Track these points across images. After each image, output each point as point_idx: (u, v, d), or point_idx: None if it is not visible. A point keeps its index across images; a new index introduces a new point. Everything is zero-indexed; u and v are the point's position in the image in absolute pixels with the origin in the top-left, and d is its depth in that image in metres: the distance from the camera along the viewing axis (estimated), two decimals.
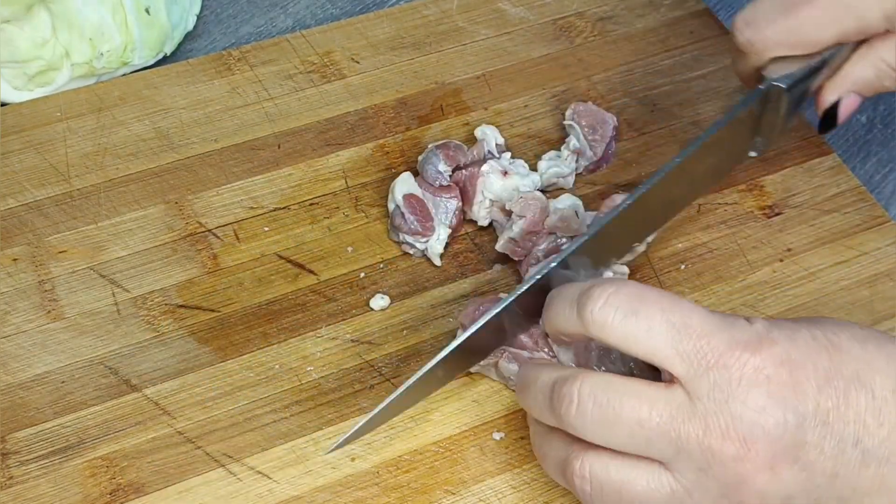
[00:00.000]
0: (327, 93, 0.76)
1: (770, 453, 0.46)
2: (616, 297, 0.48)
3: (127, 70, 0.78)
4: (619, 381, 0.48)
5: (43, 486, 0.57)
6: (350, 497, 0.57)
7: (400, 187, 0.67)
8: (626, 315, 0.47)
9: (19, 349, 0.63)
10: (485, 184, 0.68)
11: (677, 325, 0.47)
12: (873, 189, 0.74)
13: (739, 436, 0.46)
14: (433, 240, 0.67)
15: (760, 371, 0.46)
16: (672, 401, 0.47)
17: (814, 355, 0.47)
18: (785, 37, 0.60)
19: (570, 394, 0.48)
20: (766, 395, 0.46)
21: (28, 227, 0.68)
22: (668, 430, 0.46)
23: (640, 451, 0.47)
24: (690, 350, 0.46)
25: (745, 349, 0.46)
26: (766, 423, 0.46)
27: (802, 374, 0.46)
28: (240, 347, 0.63)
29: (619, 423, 0.47)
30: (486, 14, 0.82)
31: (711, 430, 0.46)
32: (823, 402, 0.46)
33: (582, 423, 0.48)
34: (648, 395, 0.47)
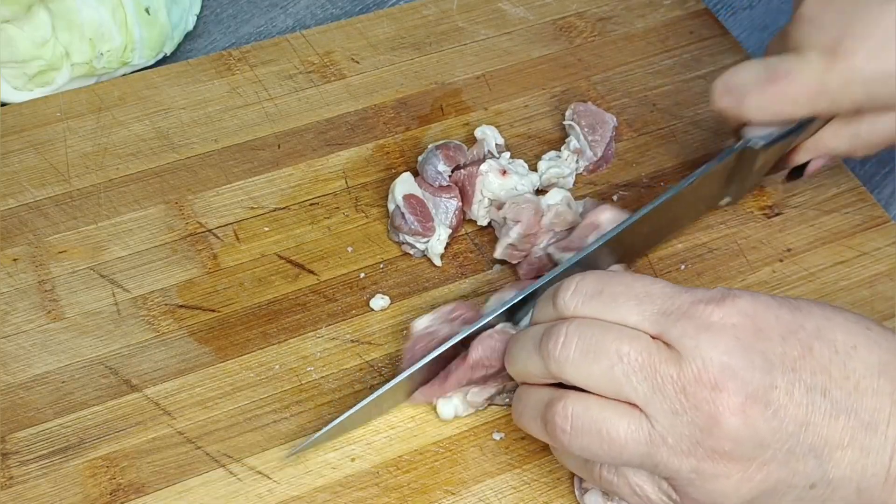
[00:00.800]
0: (327, 93, 0.76)
1: (741, 394, 0.47)
2: (583, 284, 0.51)
3: (127, 70, 0.78)
4: (605, 323, 0.50)
5: (43, 486, 0.57)
6: (350, 497, 0.57)
7: (400, 188, 0.67)
8: (592, 296, 0.50)
9: (19, 349, 0.63)
10: (483, 183, 0.68)
11: (640, 294, 0.50)
12: (873, 189, 0.74)
13: (711, 378, 0.47)
14: (433, 240, 0.67)
15: (726, 319, 0.48)
16: (651, 345, 0.49)
17: (775, 309, 0.49)
18: (761, 111, 0.62)
19: (557, 332, 0.50)
20: (733, 339, 0.48)
21: (28, 227, 0.68)
22: (646, 366, 0.48)
23: (618, 389, 0.49)
24: (656, 311, 0.49)
25: (708, 302, 0.49)
26: (736, 364, 0.47)
27: (766, 324, 0.48)
28: (240, 347, 0.63)
29: (601, 354, 0.49)
30: (486, 14, 0.82)
31: (684, 372, 0.47)
32: (789, 351, 0.48)
33: (566, 356, 0.49)
34: (630, 335, 0.49)
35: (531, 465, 0.59)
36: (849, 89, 0.60)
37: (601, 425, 0.49)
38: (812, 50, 0.60)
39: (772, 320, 0.49)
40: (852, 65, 0.59)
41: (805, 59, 0.60)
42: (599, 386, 0.49)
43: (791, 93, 0.60)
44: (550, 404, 0.50)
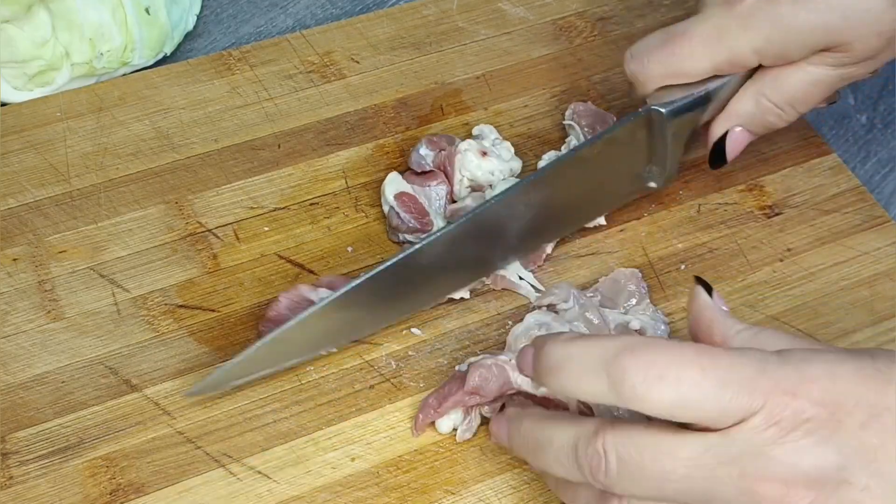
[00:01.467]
0: (327, 93, 0.76)
1: (811, 494, 0.44)
2: (655, 369, 0.45)
3: (127, 70, 0.78)
4: (642, 432, 0.46)
5: (43, 486, 0.57)
6: (350, 497, 0.57)
7: (390, 188, 0.67)
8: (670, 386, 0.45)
9: (19, 349, 0.63)
10: (462, 162, 0.68)
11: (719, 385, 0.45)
12: (873, 189, 0.74)
13: (778, 477, 0.44)
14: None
15: (800, 413, 0.44)
16: (700, 446, 0.45)
17: (858, 389, 0.45)
18: (663, 68, 0.63)
19: (597, 452, 0.47)
20: (804, 435, 0.44)
21: (28, 227, 0.68)
22: (697, 477, 0.45)
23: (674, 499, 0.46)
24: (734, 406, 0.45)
25: (784, 392, 0.45)
26: (806, 463, 0.44)
27: (844, 412, 0.45)
28: (240, 347, 0.63)
29: (645, 476, 0.46)
30: (486, 14, 0.82)
31: (748, 473, 0.45)
32: (868, 440, 0.45)
33: (612, 481, 0.46)
34: (673, 445, 0.46)
35: None
36: (747, 35, 0.60)
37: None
38: (712, 4, 0.61)
39: (851, 405, 0.45)
40: (748, 7, 0.59)
41: (704, 14, 0.61)
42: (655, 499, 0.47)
43: (688, 46, 0.61)
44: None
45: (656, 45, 0.63)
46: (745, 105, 0.64)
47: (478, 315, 0.65)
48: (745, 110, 0.64)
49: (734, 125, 0.65)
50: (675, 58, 0.62)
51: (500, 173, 0.68)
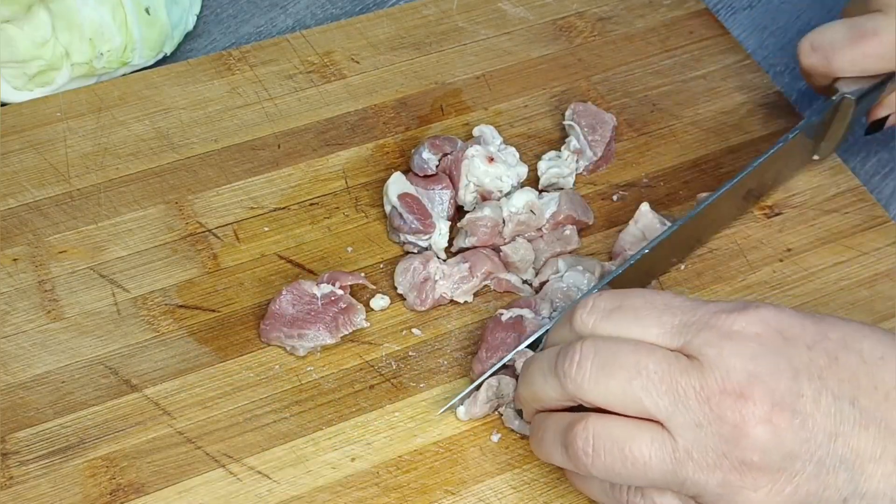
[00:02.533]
0: (327, 93, 0.76)
1: (767, 402, 0.46)
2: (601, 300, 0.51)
3: (127, 70, 0.78)
4: (622, 339, 0.49)
5: (43, 486, 0.57)
6: (350, 497, 0.57)
7: (393, 188, 0.67)
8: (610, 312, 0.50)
9: (19, 349, 0.63)
10: (469, 167, 0.68)
11: (660, 307, 0.49)
12: (873, 189, 0.74)
13: (735, 386, 0.46)
14: (436, 235, 0.66)
15: (749, 328, 0.47)
16: (671, 356, 0.48)
17: (799, 319, 0.48)
18: (849, 66, 0.67)
19: (572, 351, 0.49)
20: (758, 346, 0.47)
21: (28, 227, 0.68)
22: (666, 378, 0.47)
23: (638, 405, 0.48)
24: (678, 322, 0.48)
25: (731, 312, 0.48)
26: (762, 372, 0.46)
27: (790, 333, 0.48)
28: (240, 347, 0.63)
29: (618, 369, 0.48)
30: (486, 14, 0.82)
31: (707, 382, 0.46)
32: (815, 358, 0.47)
33: (582, 375, 0.49)
34: (647, 347, 0.48)
35: (531, 465, 0.59)
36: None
37: (623, 444, 0.48)
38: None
39: (797, 329, 0.48)
40: None
41: (890, 17, 0.64)
42: (619, 403, 0.48)
43: (879, 49, 0.65)
44: (570, 426, 0.49)
45: (843, 41, 0.66)
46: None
47: (478, 315, 0.65)
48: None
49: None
50: (864, 58, 0.65)
51: (507, 179, 0.68)
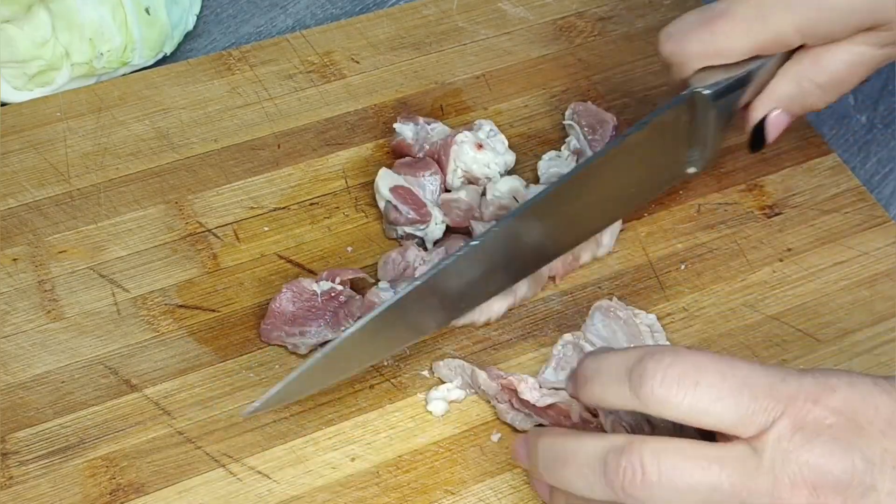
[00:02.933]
0: (327, 93, 0.76)
1: (839, 499, 0.45)
2: (674, 370, 0.46)
3: (127, 70, 0.78)
4: (682, 446, 0.46)
5: (43, 486, 0.57)
6: (350, 497, 0.57)
7: (383, 182, 0.68)
8: (689, 388, 0.46)
9: (19, 349, 0.63)
10: (458, 153, 0.68)
11: (738, 389, 0.46)
12: (873, 189, 0.74)
13: (808, 483, 0.45)
14: (432, 225, 0.66)
15: (822, 419, 0.45)
16: (738, 458, 0.46)
17: (875, 400, 0.46)
18: (702, 48, 0.61)
19: (632, 464, 0.46)
20: (830, 440, 0.45)
21: (28, 227, 0.68)
22: (741, 491, 0.45)
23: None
24: (755, 409, 0.46)
25: (805, 399, 0.46)
26: (834, 468, 0.45)
27: (864, 419, 0.46)
28: (240, 347, 0.63)
29: (691, 490, 0.45)
30: (486, 14, 0.82)
31: (780, 481, 0.45)
32: (890, 446, 0.45)
33: (650, 495, 0.46)
34: (716, 457, 0.46)
35: None
36: (787, 14, 0.59)
37: None
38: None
39: (871, 413, 0.46)
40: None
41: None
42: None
43: (730, 27, 0.60)
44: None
45: (695, 24, 0.62)
46: (786, 87, 0.63)
47: None
48: (786, 92, 0.63)
49: (774, 108, 0.63)
50: (715, 37, 0.61)
51: (495, 166, 0.68)
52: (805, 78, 0.62)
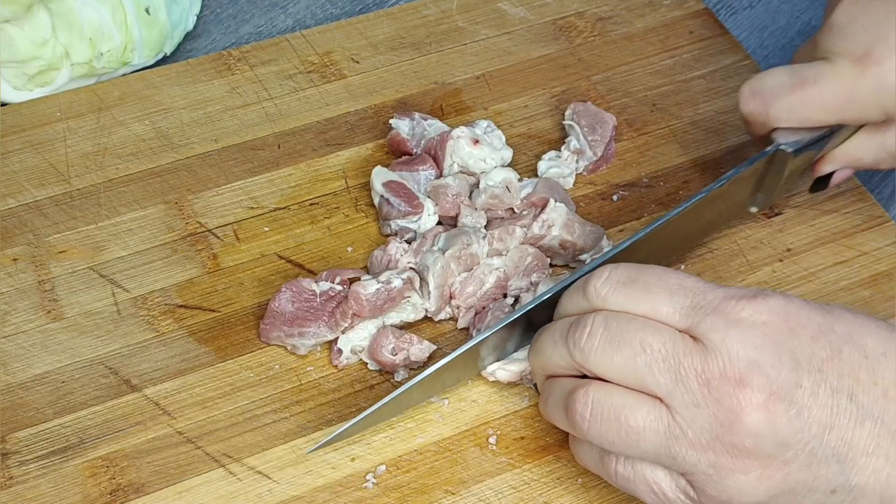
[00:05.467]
0: (327, 93, 0.76)
1: (765, 391, 0.47)
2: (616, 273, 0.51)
3: (127, 70, 0.78)
4: (632, 315, 0.50)
5: (43, 486, 0.57)
6: (350, 497, 0.57)
7: (377, 179, 0.68)
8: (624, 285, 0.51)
9: (19, 349, 0.63)
10: (454, 148, 0.68)
11: (673, 287, 0.50)
12: (873, 189, 0.74)
13: (736, 372, 0.47)
14: (424, 216, 0.66)
15: (756, 316, 0.48)
16: (676, 336, 0.49)
17: (807, 310, 0.49)
18: (789, 115, 0.62)
19: (584, 322, 0.51)
20: (762, 336, 0.48)
21: (28, 227, 0.68)
22: (670, 358, 0.48)
23: (641, 380, 0.49)
24: (688, 304, 0.49)
25: (740, 299, 0.49)
26: (763, 360, 0.47)
27: (796, 323, 0.48)
28: (240, 347, 0.63)
29: (624, 344, 0.49)
30: (486, 14, 0.82)
31: (709, 366, 0.48)
32: (818, 351, 0.48)
33: (591, 346, 0.50)
34: (655, 326, 0.49)
35: (531, 465, 0.59)
36: (878, 97, 0.60)
37: (620, 412, 0.49)
38: (842, 57, 0.60)
39: (803, 320, 0.49)
40: (882, 72, 0.59)
41: (834, 65, 0.60)
42: (622, 376, 0.49)
43: (819, 98, 0.61)
44: (572, 391, 0.51)
45: (783, 88, 0.62)
46: (865, 154, 0.65)
47: None
48: (861, 156, 0.65)
49: (845, 166, 0.66)
50: (804, 107, 0.61)
51: (491, 161, 0.68)
52: (884, 149, 0.64)
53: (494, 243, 0.64)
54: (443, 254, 0.63)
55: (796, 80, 0.61)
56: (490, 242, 0.64)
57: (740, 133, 0.75)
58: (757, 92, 0.63)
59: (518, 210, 0.67)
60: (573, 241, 0.65)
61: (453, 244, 0.63)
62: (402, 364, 0.61)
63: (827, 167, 0.66)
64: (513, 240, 0.65)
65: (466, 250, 0.63)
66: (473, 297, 0.63)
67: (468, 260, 0.63)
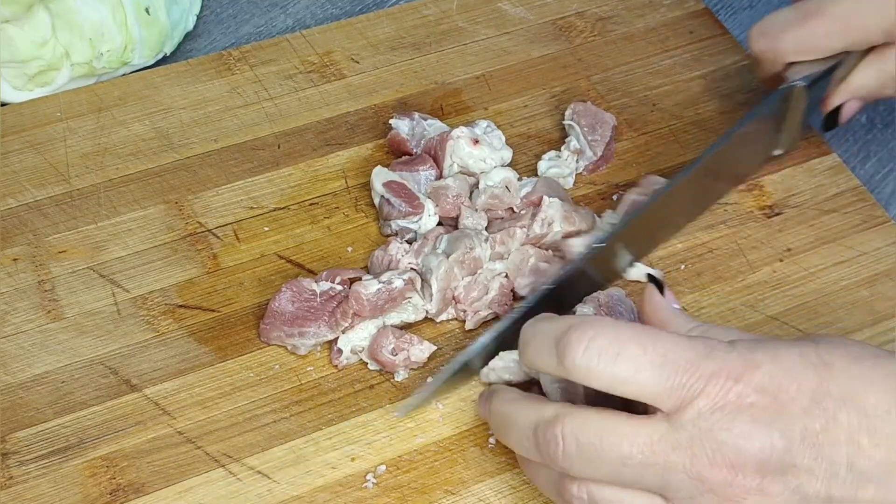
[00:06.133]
0: (327, 93, 0.76)
1: (759, 476, 0.46)
2: (596, 342, 0.47)
3: (127, 70, 0.78)
4: (599, 418, 0.48)
5: (43, 486, 0.57)
6: (350, 497, 0.57)
7: (377, 179, 0.68)
8: (610, 359, 0.47)
9: (19, 349, 0.63)
10: (454, 148, 0.68)
11: (659, 363, 0.47)
12: (873, 189, 0.74)
13: (727, 462, 0.46)
14: (425, 216, 0.66)
15: (744, 397, 0.46)
16: (654, 433, 0.47)
17: (799, 375, 0.47)
18: (796, 45, 0.66)
19: (555, 436, 0.48)
20: (749, 420, 0.46)
21: (28, 227, 0.68)
22: (656, 461, 0.47)
23: (631, 485, 0.48)
24: (675, 384, 0.47)
25: (727, 377, 0.46)
26: (752, 447, 0.46)
27: (787, 396, 0.46)
28: (240, 347, 0.63)
29: (602, 461, 0.47)
30: (486, 14, 0.82)
31: (698, 458, 0.46)
32: (811, 424, 0.46)
33: (570, 465, 0.48)
34: (629, 431, 0.47)
35: None
36: (878, 19, 0.63)
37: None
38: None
39: (794, 391, 0.46)
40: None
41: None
42: (611, 483, 0.48)
43: (824, 27, 0.65)
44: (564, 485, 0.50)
45: (789, 22, 0.66)
46: (868, 79, 0.68)
47: None
48: (866, 83, 0.68)
49: (852, 96, 0.69)
50: (811, 36, 0.65)
51: (491, 161, 0.68)
52: (886, 72, 0.67)
53: (497, 247, 0.64)
54: (447, 257, 0.63)
55: (801, 14, 0.66)
56: (492, 246, 0.64)
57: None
58: (765, 31, 0.67)
59: (517, 210, 0.67)
60: (576, 230, 0.66)
61: (456, 248, 0.63)
62: (402, 364, 0.61)
63: (836, 100, 0.69)
64: (514, 242, 0.65)
65: (469, 254, 0.63)
66: (479, 301, 0.63)
67: (472, 264, 0.63)
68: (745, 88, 0.77)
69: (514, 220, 0.66)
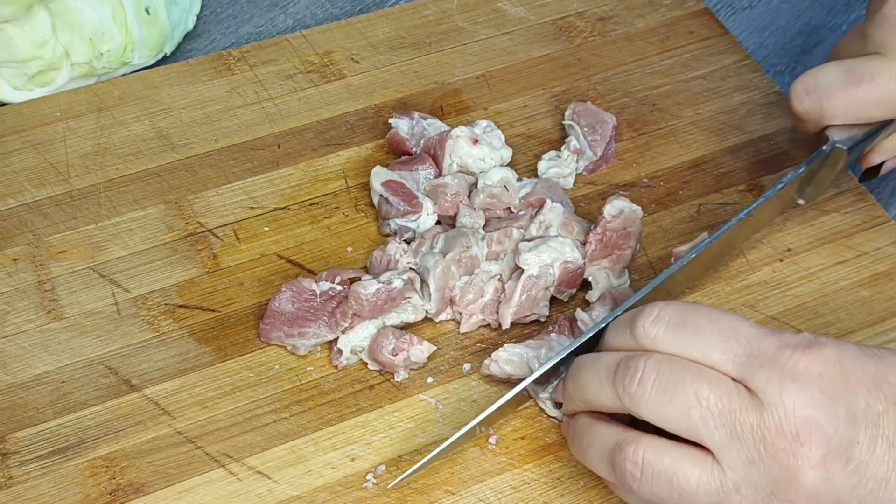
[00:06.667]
0: (327, 93, 0.76)
1: (823, 449, 0.46)
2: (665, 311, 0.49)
3: (127, 70, 0.78)
4: (685, 361, 0.48)
5: (43, 486, 0.57)
6: (350, 497, 0.57)
7: (376, 179, 0.68)
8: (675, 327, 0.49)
9: (19, 349, 0.63)
10: (453, 148, 0.68)
11: (726, 331, 0.48)
12: (873, 189, 0.73)
13: (793, 429, 0.46)
14: (423, 215, 0.66)
15: (812, 368, 0.47)
16: (732, 389, 0.47)
17: (861, 360, 0.48)
18: (845, 112, 0.62)
19: (635, 366, 0.49)
20: (818, 390, 0.47)
21: (28, 227, 0.68)
22: (725, 413, 0.47)
23: (694, 433, 0.48)
24: (742, 352, 0.48)
25: (795, 349, 0.47)
26: (820, 418, 0.46)
27: (853, 375, 0.47)
28: (240, 347, 0.63)
29: (679, 395, 0.48)
30: (486, 14, 0.82)
31: (765, 422, 0.46)
32: (874, 404, 0.47)
33: (642, 393, 0.48)
34: (711, 377, 0.48)
35: (531, 465, 0.59)
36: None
37: (673, 473, 0.48)
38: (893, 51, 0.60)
39: (858, 371, 0.47)
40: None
41: (891, 61, 0.60)
42: (675, 428, 0.48)
43: (875, 95, 0.61)
44: (620, 448, 0.50)
45: (838, 85, 0.62)
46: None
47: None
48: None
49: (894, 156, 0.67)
50: (861, 105, 0.61)
51: (490, 160, 0.68)
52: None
53: (493, 246, 0.64)
54: (443, 256, 0.63)
55: (851, 76, 0.61)
56: (489, 245, 0.64)
57: (740, 133, 0.75)
58: (811, 90, 0.62)
59: (515, 210, 0.67)
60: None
61: (453, 247, 0.63)
62: (402, 364, 0.61)
63: (878, 157, 0.67)
64: (511, 242, 0.65)
65: (466, 253, 0.63)
66: (474, 304, 0.63)
67: (468, 263, 0.63)
68: (745, 88, 0.77)
69: (512, 220, 0.66)
